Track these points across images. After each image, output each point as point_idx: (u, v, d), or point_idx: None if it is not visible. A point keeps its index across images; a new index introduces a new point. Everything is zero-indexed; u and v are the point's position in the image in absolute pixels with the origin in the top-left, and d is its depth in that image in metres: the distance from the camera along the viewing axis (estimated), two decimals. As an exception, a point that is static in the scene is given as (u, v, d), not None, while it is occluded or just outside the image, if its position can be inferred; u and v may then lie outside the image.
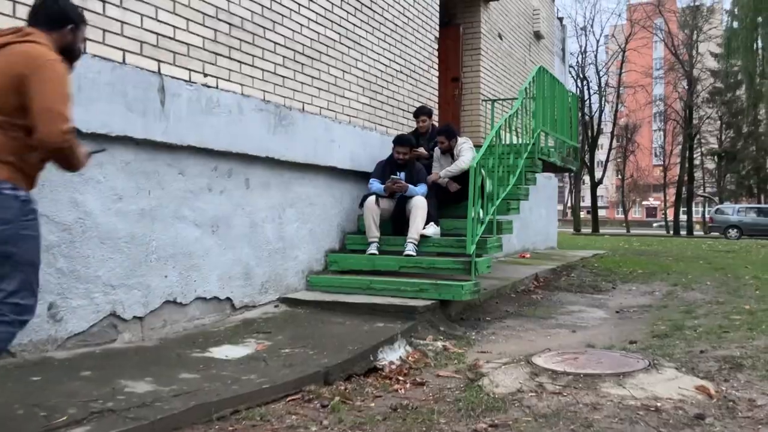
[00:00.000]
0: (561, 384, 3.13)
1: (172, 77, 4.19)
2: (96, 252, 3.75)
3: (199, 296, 4.48)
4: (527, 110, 6.63)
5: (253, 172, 4.95)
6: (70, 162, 2.39)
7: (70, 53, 2.50)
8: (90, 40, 3.61)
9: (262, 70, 5.04)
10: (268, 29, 5.10)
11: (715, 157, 40.61)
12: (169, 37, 4.20)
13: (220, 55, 4.62)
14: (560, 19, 14.91)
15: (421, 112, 6.78)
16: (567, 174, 31.50)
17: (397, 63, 7.06)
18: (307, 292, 5.48)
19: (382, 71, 6.76)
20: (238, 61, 4.78)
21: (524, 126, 6.56)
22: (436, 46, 8.06)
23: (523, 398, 3.07)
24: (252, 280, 4.95)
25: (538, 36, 12.22)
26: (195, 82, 4.36)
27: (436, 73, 8.07)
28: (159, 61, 4.12)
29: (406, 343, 4.40)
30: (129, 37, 3.91)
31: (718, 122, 39.88)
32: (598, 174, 35.86)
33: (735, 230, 24.19)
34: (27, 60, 2.29)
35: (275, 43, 5.18)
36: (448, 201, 6.18)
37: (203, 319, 4.52)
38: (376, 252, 5.69)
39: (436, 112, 7.68)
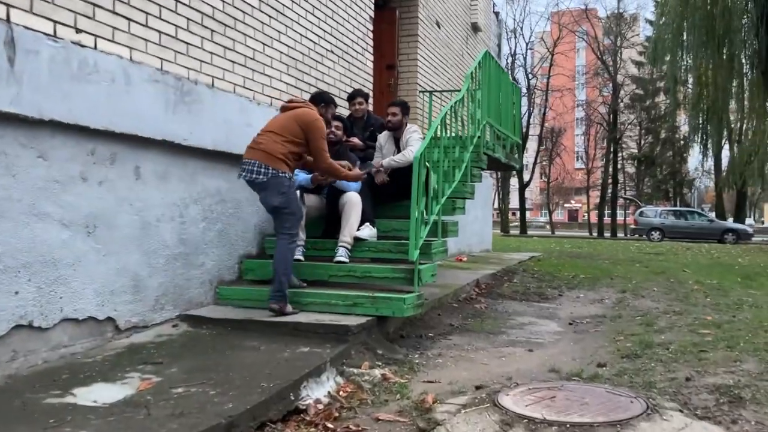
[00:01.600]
0: (543, 439, 2.36)
1: (27, 28, 3.15)
2: None
3: (68, 317, 3.45)
4: (473, 98, 5.91)
5: (146, 158, 3.95)
6: (334, 174, 4.61)
7: (325, 119, 4.49)
8: None
9: (159, 32, 4.05)
10: (167, -18, 4.12)
11: (635, 161, 41.94)
12: (24, -25, 3.17)
13: (100, 6, 3.60)
14: (496, 14, 14.46)
15: (358, 94, 5.93)
16: (495, 175, 31.52)
17: (327, 41, 6.18)
18: (216, 307, 4.52)
19: (310, 49, 5.87)
20: (126, 18, 3.78)
21: (470, 116, 5.83)
22: (371, 27, 7.25)
23: (496, 461, 2.28)
24: (143, 294, 3.95)
25: (475, 28, 11.64)
26: (62, 38, 3.34)
27: (371, 57, 7.25)
28: (8, 5, 3.08)
29: (336, 373, 3.55)
30: (-41, -33, 2.87)
31: (638, 128, 41.21)
32: (524, 177, 36.17)
33: (657, 232, 24.69)
34: (307, 116, 4.29)
35: (176, 0, 4.20)
36: (385, 198, 5.36)
37: (74, 346, 3.50)
38: (302, 258, 4.80)
39: (370, 101, 6.86)
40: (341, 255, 4.70)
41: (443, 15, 9.87)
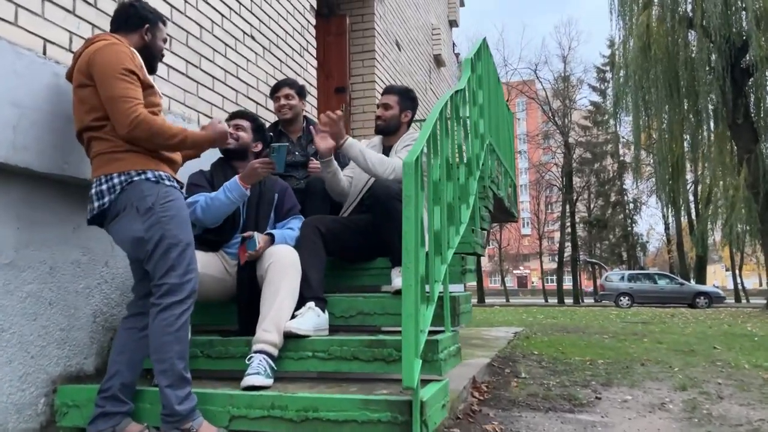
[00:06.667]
0: None
1: None
2: None
3: None
4: (474, 100, 3.77)
5: None
6: (160, 137, 2.24)
7: (151, 52, 2.43)
8: None
9: None
10: None
11: (587, 225, 41.19)
12: None
13: None
14: (457, 55, 12.79)
15: (285, 84, 3.67)
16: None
17: (245, 20, 4.01)
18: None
19: (213, 23, 3.66)
20: None
21: (472, 125, 3.68)
22: (312, 21, 5.14)
23: None
24: None
25: (438, 62, 9.82)
26: None
27: (314, 61, 5.11)
28: None
29: None
30: None
31: (587, 191, 40.66)
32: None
33: (626, 297, 23.06)
34: (88, 55, 2.23)
35: None
36: (346, 253, 3.06)
37: None
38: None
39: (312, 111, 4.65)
40: (257, 371, 2.32)
41: (403, 37, 7.94)
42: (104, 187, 2.21)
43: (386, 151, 3.29)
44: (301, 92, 3.69)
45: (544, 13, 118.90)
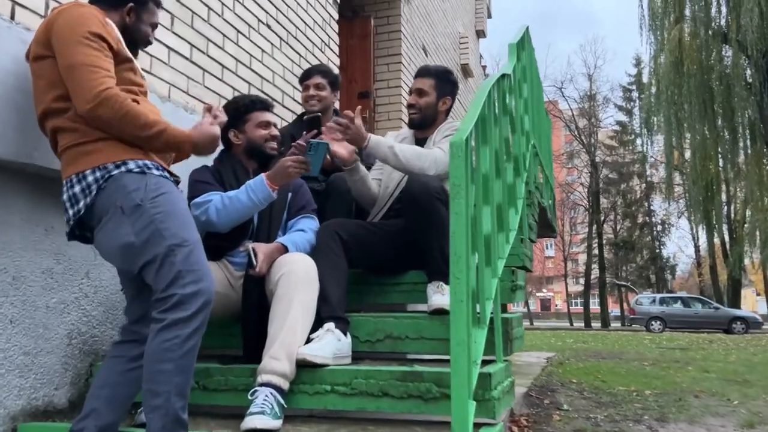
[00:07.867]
0: None
1: None
2: None
3: None
4: (520, 92, 3.30)
5: None
6: (122, 130, 1.77)
7: (133, 36, 1.98)
8: None
9: None
10: None
11: (614, 246, 40.23)
12: None
13: None
14: (483, 68, 12.35)
15: (316, 71, 3.26)
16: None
17: (259, 6, 3.60)
18: None
19: (224, 5, 3.26)
20: None
21: (518, 118, 3.20)
22: (335, 15, 4.74)
23: None
24: None
25: (466, 72, 9.38)
26: None
27: (336, 59, 4.69)
28: None
29: None
30: None
31: (613, 213, 39.77)
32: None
33: (658, 322, 22.17)
34: (49, 20, 1.82)
35: None
36: (372, 260, 2.57)
37: None
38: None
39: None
40: (261, 410, 1.84)
41: (430, 43, 7.53)
42: (77, 189, 1.76)
43: (420, 144, 2.83)
44: (335, 83, 3.26)
45: (565, 32, 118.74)
